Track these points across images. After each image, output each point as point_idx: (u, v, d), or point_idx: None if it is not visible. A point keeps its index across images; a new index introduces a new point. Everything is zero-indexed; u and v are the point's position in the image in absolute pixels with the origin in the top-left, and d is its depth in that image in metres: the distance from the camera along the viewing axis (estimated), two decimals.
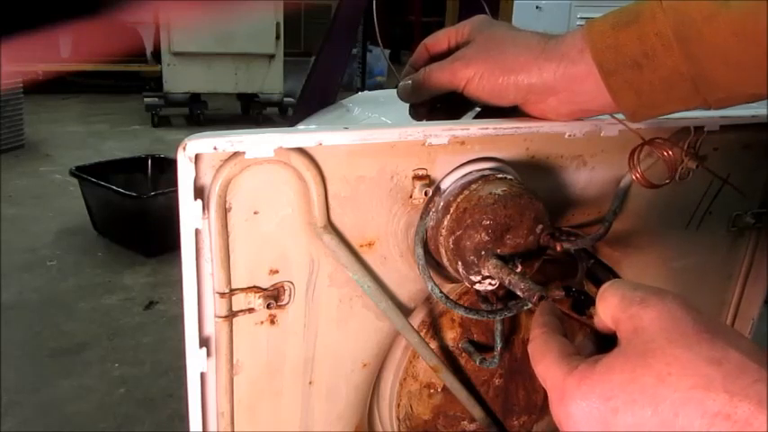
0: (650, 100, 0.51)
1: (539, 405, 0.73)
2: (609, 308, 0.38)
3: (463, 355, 0.66)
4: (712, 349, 0.33)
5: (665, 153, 0.56)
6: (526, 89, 0.53)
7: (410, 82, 0.60)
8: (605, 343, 0.38)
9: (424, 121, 0.61)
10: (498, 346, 0.63)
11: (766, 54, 0.45)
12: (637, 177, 0.58)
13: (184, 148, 0.46)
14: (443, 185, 0.56)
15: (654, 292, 0.37)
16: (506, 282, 0.51)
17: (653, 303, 0.36)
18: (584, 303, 0.49)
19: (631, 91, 0.50)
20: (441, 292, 0.55)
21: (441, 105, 0.61)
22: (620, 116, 0.55)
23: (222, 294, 0.51)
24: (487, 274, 0.53)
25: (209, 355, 0.53)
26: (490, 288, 0.55)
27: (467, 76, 0.55)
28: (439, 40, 0.61)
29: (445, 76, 0.56)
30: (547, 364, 0.39)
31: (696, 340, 0.33)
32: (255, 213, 0.50)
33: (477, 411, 0.67)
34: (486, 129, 0.55)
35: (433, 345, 0.64)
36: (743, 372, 0.32)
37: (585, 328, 0.43)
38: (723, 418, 0.31)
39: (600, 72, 0.50)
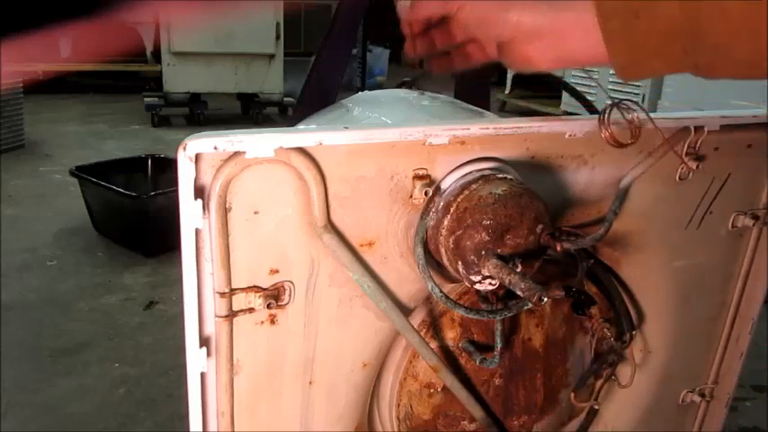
0: (641, 54, 0.51)
1: (539, 405, 0.73)
2: None
3: (463, 354, 0.66)
4: None
5: (630, 117, 0.56)
6: (514, 25, 0.54)
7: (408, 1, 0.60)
8: None
9: (424, 122, 0.61)
10: (498, 345, 0.63)
11: (766, 15, 0.45)
12: (606, 137, 0.58)
13: (185, 148, 0.46)
14: (444, 185, 0.56)
15: None
16: (506, 282, 0.51)
17: None
18: (584, 303, 0.49)
19: (624, 42, 0.51)
20: (441, 292, 0.55)
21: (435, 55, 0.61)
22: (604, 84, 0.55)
23: (222, 294, 0.51)
24: (487, 274, 0.53)
25: (209, 354, 0.53)
26: (490, 288, 0.55)
27: (459, 2, 0.55)
28: None
29: None
30: None
31: None
32: (255, 213, 0.50)
33: (477, 411, 0.67)
34: (487, 129, 0.54)
35: (433, 345, 0.64)
36: None
37: (585, 330, 0.43)
38: None
39: (598, 16, 0.51)
